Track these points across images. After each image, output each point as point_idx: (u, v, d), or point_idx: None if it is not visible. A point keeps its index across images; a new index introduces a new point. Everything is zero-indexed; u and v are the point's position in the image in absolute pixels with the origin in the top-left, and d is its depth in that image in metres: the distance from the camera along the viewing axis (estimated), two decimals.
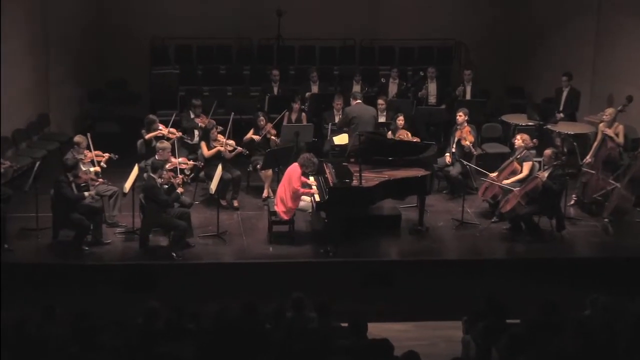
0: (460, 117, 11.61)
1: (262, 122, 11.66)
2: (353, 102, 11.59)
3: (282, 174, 10.43)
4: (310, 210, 10.36)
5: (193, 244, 10.02)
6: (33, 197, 10.08)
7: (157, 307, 7.23)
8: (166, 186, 9.89)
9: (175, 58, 15.44)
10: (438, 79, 14.03)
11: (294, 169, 10.03)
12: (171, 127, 11.58)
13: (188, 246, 9.94)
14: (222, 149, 11.15)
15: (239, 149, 11.32)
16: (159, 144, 10.62)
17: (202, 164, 11.07)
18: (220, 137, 11.30)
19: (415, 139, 11.48)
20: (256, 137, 11.61)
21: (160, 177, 9.81)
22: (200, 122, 12.08)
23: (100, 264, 9.62)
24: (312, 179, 10.60)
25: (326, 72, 15.09)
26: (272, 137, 11.64)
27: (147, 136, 11.41)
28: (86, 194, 9.80)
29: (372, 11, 15.70)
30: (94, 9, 14.78)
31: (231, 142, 11.37)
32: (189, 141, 11.97)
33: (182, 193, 9.93)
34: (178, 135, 11.61)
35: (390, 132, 11.84)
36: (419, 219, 10.63)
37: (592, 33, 13.95)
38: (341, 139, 11.88)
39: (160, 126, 11.56)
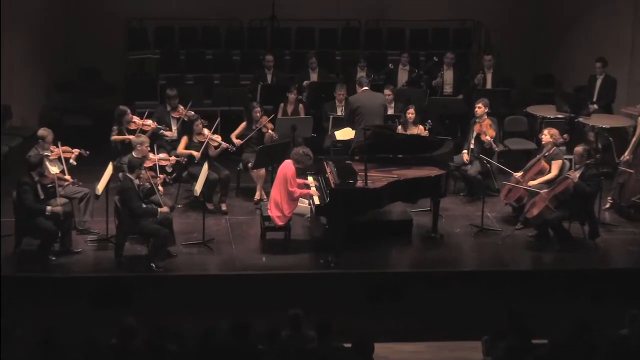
0: (480, 108, 11.62)
1: (257, 114, 11.66)
2: (359, 90, 11.59)
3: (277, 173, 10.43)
4: (309, 215, 10.37)
5: (175, 254, 10.04)
6: None
7: (134, 326, 7.24)
8: (142, 189, 9.88)
9: (155, 42, 15.45)
10: (455, 66, 14.05)
11: (288, 167, 10.04)
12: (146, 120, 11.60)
13: (170, 256, 9.95)
14: (195, 153, 11.10)
15: (225, 144, 11.33)
16: (135, 138, 10.62)
17: (186, 159, 11.08)
18: (206, 131, 11.31)
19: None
20: (237, 141, 11.51)
21: (138, 177, 9.81)
22: (177, 115, 12.06)
23: (70, 277, 9.61)
24: (310, 179, 10.61)
25: (327, 57, 15.11)
26: (270, 132, 11.64)
27: (114, 137, 11.40)
28: (48, 208, 9.67)
29: None
30: None
31: (217, 136, 11.38)
32: (166, 136, 11.93)
33: (165, 212, 9.86)
34: (154, 127, 11.59)
35: (400, 126, 11.85)
36: (432, 224, 10.65)
37: (629, 13, 13.96)
38: (344, 134, 11.89)
39: (135, 118, 11.57)
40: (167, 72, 14.91)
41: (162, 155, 10.93)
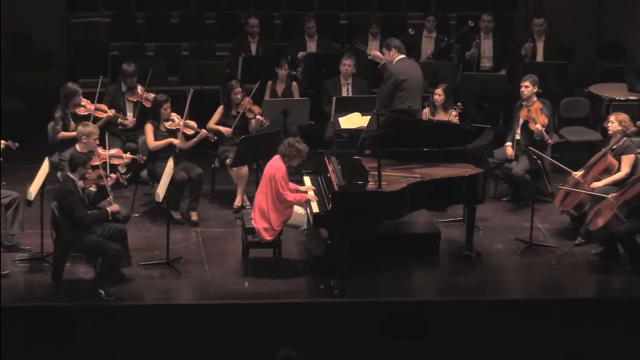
0: (527, 88, 11.62)
1: (237, 96, 11.65)
2: (395, 58, 11.55)
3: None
4: (305, 227, 10.37)
5: (131, 277, 10.03)
6: None
7: None
8: (88, 192, 9.86)
9: (104, 1, 15.43)
10: (495, 32, 14.05)
11: (276, 165, 10.02)
12: (98, 102, 11.59)
13: (123, 280, 9.95)
14: (176, 141, 11.13)
15: (204, 132, 11.32)
16: (81, 128, 10.60)
17: (144, 157, 11.07)
18: (175, 117, 11.30)
19: None
20: (225, 130, 11.55)
21: (82, 177, 9.80)
22: (134, 98, 12.05)
23: None
24: (307, 179, 10.59)
25: (329, 21, 15.11)
26: (258, 117, 11.63)
27: (61, 135, 11.39)
28: None
29: None
30: None
31: (191, 123, 11.37)
32: (124, 122, 11.93)
33: (117, 212, 9.88)
34: (111, 114, 11.60)
35: (427, 110, 11.85)
36: (466, 239, 10.66)
37: None
38: (351, 121, 11.88)
39: (84, 101, 11.57)
40: (120, 39, 14.92)
41: (114, 151, 10.89)
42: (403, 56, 11.55)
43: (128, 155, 10.94)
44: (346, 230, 9.87)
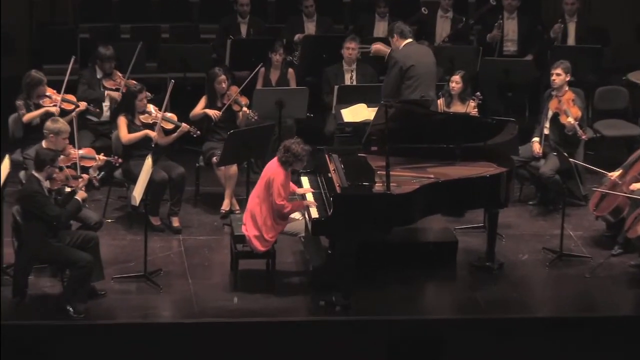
0: (558, 76, 11.63)
1: (222, 85, 11.68)
2: (400, 44, 11.54)
3: (255, 171, 10.42)
4: (303, 234, 10.38)
5: (103, 292, 10.05)
6: None
7: None
8: (55, 195, 9.87)
9: None
10: (520, 12, 14.06)
11: (276, 170, 9.99)
12: (67, 93, 11.60)
13: (95, 295, 9.96)
14: (152, 134, 11.14)
15: (185, 126, 11.34)
16: (50, 123, 10.62)
17: (120, 159, 11.04)
18: (152, 109, 11.31)
19: None
20: (213, 113, 11.60)
21: (49, 177, 9.80)
22: (112, 85, 12.08)
23: None
24: (305, 180, 10.60)
25: None
26: (245, 110, 11.65)
27: (26, 117, 11.43)
28: None
29: None
30: None
31: (171, 115, 11.38)
32: (94, 117, 11.97)
33: (84, 200, 9.89)
34: (81, 108, 11.61)
35: (441, 100, 11.86)
36: (487, 248, 10.68)
37: None
38: (355, 113, 11.88)
39: (49, 91, 11.58)
40: (90, 20, 14.95)
41: (85, 150, 10.88)
42: (409, 40, 11.50)
43: (101, 157, 10.89)
44: (350, 238, 9.88)
